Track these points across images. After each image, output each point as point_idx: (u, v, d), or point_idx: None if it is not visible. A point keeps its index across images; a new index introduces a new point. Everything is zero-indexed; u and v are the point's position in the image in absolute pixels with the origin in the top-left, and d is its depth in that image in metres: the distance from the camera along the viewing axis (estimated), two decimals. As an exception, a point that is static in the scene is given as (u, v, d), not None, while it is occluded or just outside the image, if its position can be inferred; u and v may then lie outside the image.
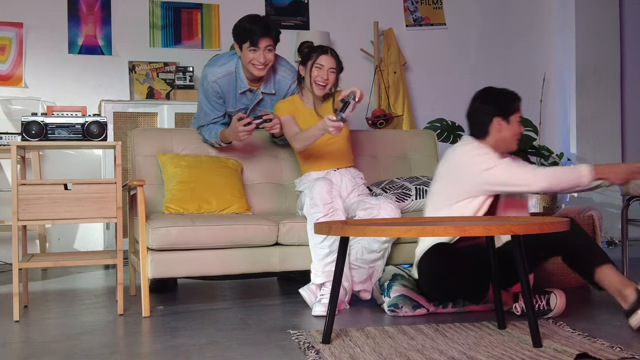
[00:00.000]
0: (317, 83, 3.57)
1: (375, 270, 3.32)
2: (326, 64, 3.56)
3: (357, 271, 3.29)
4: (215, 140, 3.71)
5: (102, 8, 5.49)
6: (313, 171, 3.61)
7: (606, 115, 6.35)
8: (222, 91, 3.72)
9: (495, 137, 3.09)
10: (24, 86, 5.31)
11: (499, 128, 3.08)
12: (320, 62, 3.56)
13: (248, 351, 2.46)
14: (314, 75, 3.56)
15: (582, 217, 3.78)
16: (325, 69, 3.56)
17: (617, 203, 6.20)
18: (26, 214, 3.10)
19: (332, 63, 3.58)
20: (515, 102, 3.12)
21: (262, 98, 3.76)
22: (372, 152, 4.08)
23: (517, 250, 2.45)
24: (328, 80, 3.57)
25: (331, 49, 3.64)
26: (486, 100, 3.13)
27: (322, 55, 3.57)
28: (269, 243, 3.33)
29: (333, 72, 3.59)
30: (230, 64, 3.73)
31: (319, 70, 3.56)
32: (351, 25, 5.97)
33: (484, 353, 2.35)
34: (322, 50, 3.60)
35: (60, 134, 3.24)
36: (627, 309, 2.70)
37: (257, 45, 3.57)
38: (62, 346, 2.61)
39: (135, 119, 5.05)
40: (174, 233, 3.16)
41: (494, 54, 6.37)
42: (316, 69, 3.56)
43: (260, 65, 3.61)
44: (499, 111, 3.08)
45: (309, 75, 3.58)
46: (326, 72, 3.56)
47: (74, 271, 4.72)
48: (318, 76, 3.56)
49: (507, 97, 3.12)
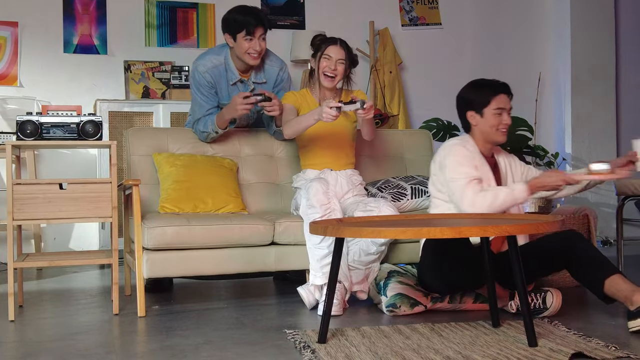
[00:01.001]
0: (325, 74, 3.50)
1: (372, 271, 3.32)
2: (334, 54, 3.48)
3: (354, 272, 3.28)
4: (212, 128, 3.71)
5: (98, 7, 5.48)
6: (310, 169, 3.59)
7: (601, 115, 6.36)
8: (214, 81, 3.74)
9: (475, 131, 3.15)
10: (19, 85, 5.30)
11: (475, 122, 3.14)
12: (329, 52, 3.48)
13: (244, 351, 2.46)
14: (322, 66, 3.49)
15: (577, 216, 3.78)
16: (333, 60, 3.47)
17: (612, 203, 6.22)
18: (21, 214, 3.10)
19: (342, 54, 3.49)
20: (487, 94, 3.13)
21: (254, 88, 3.77)
22: (367, 152, 4.08)
23: (512, 249, 2.45)
24: (337, 71, 3.49)
25: (341, 40, 3.55)
26: (461, 93, 3.21)
27: (331, 46, 3.49)
28: (265, 242, 3.33)
29: (342, 64, 3.49)
30: (219, 56, 3.76)
31: (327, 60, 3.48)
32: (347, 24, 5.96)
33: (479, 352, 2.35)
34: (331, 40, 3.52)
35: (55, 134, 3.23)
36: (631, 310, 2.67)
37: (254, 34, 3.59)
38: (57, 346, 2.60)
39: (130, 118, 5.04)
40: (169, 233, 3.16)
41: (490, 54, 6.38)
42: (324, 59, 3.48)
43: (256, 53, 3.64)
44: (470, 105, 3.14)
45: (318, 67, 3.52)
46: (334, 62, 3.47)
47: (69, 271, 4.71)
48: (326, 67, 3.48)
49: (479, 89, 3.16)
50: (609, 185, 6.25)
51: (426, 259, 3.12)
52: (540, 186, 2.98)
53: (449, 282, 3.09)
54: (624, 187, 3.58)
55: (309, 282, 3.25)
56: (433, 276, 3.10)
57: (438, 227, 2.31)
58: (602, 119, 6.36)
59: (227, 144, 3.87)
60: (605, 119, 6.37)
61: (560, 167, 6.18)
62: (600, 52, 6.35)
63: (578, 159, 6.29)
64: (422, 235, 2.34)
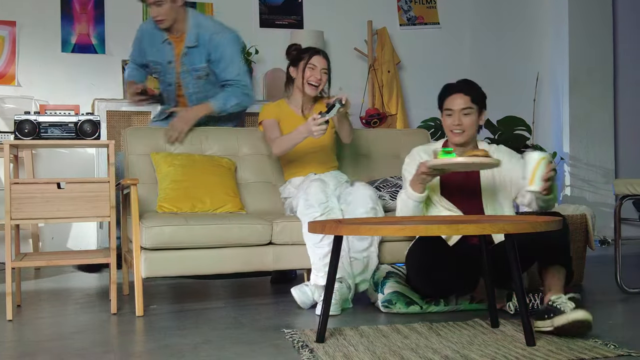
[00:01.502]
0: (309, 83, 3.62)
1: (370, 259, 3.32)
2: (319, 64, 3.62)
3: (353, 263, 3.28)
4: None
5: (96, 7, 5.48)
6: (296, 177, 3.63)
7: (599, 115, 6.37)
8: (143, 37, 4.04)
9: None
10: (17, 85, 5.29)
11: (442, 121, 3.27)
12: (313, 62, 3.62)
13: (242, 350, 2.46)
14: (306, 75, 3.62)
15: (574, 216, 3.78)
16: (318, 69, 3.62)
17: (610, 202, 6.23)
18: (19, 213, 3.09)
19: (325, 64, 3.65)
20: (441, 97, 3.23)
21: (186, 52, 3.90)
22: (365, 151, 4.08)
23: (510, 249, 2.45)
24: (321, 80, 3.63)
25: (322, 51, 3.70)
26: None
27: (315, 56, 3.63)
28: (263, 242, 3.32)
29: (325, 73, 3.65)
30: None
31: (312, 70, 3.62)
32: (345, 24, 5.97)
33: (477, 352, 2.35)
34: (314, 51, 3.67)
35: (53, 133, 3.22)
36: (540, 309, 2.67)
37: None
38: (55, 345, 2.60)
39: (128, 117, 5.04)
40: (167, 232, 3.16)
41: (488, 53, 6.38)
42: (309, 69, 3.62)
43: None
44: (438, 105, 3.28)
45: (301, 76, 3.63)
46: (319, 72, 3.62)
47: (67, 270, 4.70)
48: (311, 76, 3.61)
49: (441, 91, 3.26)
50: (607, 185, 6.26)
51: (411, 269, 3.12)
52: (414, 180, 3.01)
53: (438, 289, 3.11)
54: (622, 187, 3.58)
55: (308, 282, 3.25)
56: (421, 284, 3.11)
57: (435, 224, 2.32)
58: (600, 118, 6.37)
59: (225, 143, 3.87)
60: (603, 119, 6.38)
61: (558, 167, 6.19)
62: (598, 52, 6.36)
63: (576, 159, 6.29)
64: (419, 233, 2.35)
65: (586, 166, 6.32)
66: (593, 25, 6.35)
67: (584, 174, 6.32)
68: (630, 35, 6.58)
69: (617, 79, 6.51)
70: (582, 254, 3.82)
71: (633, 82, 6.58)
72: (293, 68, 3.70)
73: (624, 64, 6.56)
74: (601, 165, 6.36)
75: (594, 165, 6.34)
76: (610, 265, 3.75)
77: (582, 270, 3.83)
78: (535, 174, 2.65)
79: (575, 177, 6.31)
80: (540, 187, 2.69)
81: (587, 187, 6.32)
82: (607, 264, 4.41)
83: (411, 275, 3.13)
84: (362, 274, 3.30)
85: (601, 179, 6.34)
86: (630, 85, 6.57)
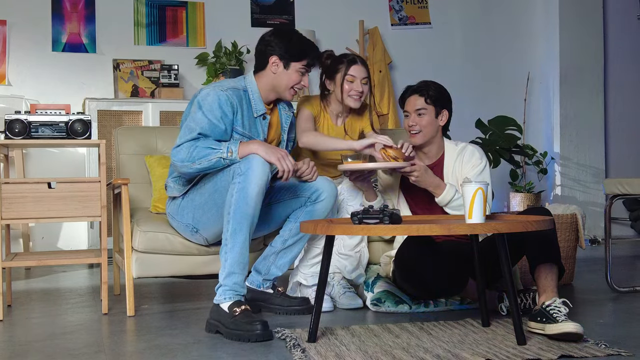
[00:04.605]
0: (351, 97, 3.31)
1: (362, 255, 3.32)
2: (358, 74, 3.30)
3: (347, 260, 3.28)
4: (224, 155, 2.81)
5: (86, 6, 5.46)
6: None
7: (589, 115, 6.40)
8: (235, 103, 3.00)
9: None
10: (7, 84, 5.27)
11: None
12: (352, 73, 3.30)
13: (233, 350, 2.46)
14: (346, 89, 3.29)
15: (565, 215, 3.80)
16: (358, 80, 3.30)
17: (600, 202, 6.25)
18: (9, 213, 3.08)
19: (364, 72, 3.33)
20: (402, 97, 3.36)
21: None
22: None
23: (501, 248, 2.45)
24: (362, 92, 3.33)
25: (360, 57, 3.40)
26: None
27: (353, 66, 3.31)
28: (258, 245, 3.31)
29: (366, 83, 3.34)
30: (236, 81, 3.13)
31: (351, 84, 3.29)
32: (336, 23, 5.97)
33: (468, 351, 2.36)
34: (351, 59, 3.33)
35: (44, 132, 3.21)
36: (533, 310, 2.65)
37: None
38: (46, 345, 2.59)
39: (119, 117, 5.03)
40: (161, 239, 3.13)
41: (479, 53, 6.40)
42: (348, 82, 3.29)
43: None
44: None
45: (341, 90, 3.30)
46: (359, 83, 3.31)
47: (58, 270, 4.69)
48: (352, 90, 3.29)
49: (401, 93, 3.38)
50: (597, 184, 6.29)
51: (397, 272, 3.13)
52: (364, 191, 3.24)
53: (427, 291, 3.12)
54: (613, 186, 3.59)
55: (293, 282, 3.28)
56: (409, 287, 3.13)
57: (427, 224, 2.32)
58: (590, 118, 6.40)
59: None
60: (594, 119, 6.41)
61: (548, 166, 6.22)
62: (589, 52, 6.39)
63: (566, 158, 6.32)
64: (411, 233, 2.35)
65: (576, 166, 6.35)
66: (583, 25, 6.38)
67: (574, 174, 6.35)
68: (620, 35, 6.62)
69: (607, 78, 6.54)
70: (572, 254, 3.83)
71: (623, 81, 6.62)
72: (329, 81, 3.36)
73: (615, 64, 6.59)
74: (591, 165, 6.39)
75: (585, 164, 6.37)
76: (600, 265, 3.77)
77: (572, 269, 3.85)
78: (473, 207, 2.44)
79: (566, 176, 6.34)
80: (480, 219, 2.47)
81: (578, 186, 6.35)
82: (598, 263, 4.43)
83: (399, 280, 3.16)
84: (357, 269, 3.31)
85: (591, 179, 6.37)
86: (620, 85, 6.61)
